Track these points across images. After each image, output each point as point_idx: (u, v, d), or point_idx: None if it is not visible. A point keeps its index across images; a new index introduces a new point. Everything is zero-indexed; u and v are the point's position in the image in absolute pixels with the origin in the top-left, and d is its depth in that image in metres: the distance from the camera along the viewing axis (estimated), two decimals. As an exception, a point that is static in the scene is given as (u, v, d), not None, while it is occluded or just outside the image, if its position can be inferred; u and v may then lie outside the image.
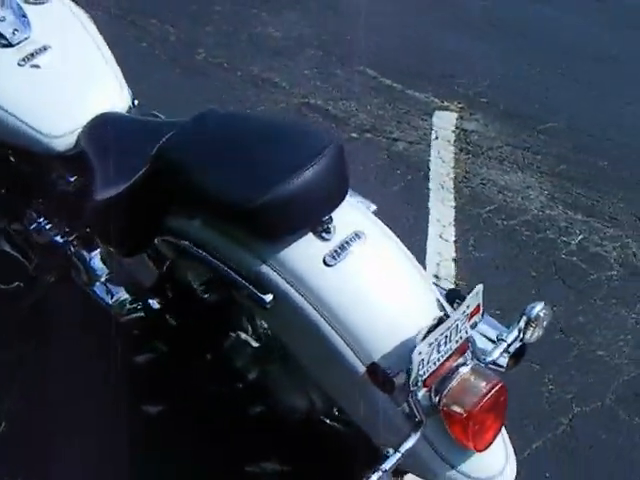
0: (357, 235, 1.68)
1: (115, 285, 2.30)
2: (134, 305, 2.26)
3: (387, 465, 1.48)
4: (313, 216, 1.66)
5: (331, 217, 1.67)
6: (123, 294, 2.28)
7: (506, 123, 4.08)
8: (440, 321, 1.55)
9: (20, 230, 2.53)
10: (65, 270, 2.43)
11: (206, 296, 2.06)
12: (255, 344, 2.03)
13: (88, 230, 2.32)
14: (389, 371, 1.49)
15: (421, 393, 1.55)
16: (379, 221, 1.79)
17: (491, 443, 1.59)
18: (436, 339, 1.50)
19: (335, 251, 1.64)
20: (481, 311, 1.61)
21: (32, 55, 2.28)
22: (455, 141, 3.92)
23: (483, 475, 1.61)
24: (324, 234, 1.66)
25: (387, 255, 1.73)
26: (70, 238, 2.38)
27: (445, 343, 1.52)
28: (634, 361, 2.67)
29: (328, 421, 1.96)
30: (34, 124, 2.20)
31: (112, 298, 2.27)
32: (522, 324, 1.68)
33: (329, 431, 1.96)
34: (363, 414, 1.64)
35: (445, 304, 1.67)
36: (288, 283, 1.63)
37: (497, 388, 1.56)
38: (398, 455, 1.51)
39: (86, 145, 2.18)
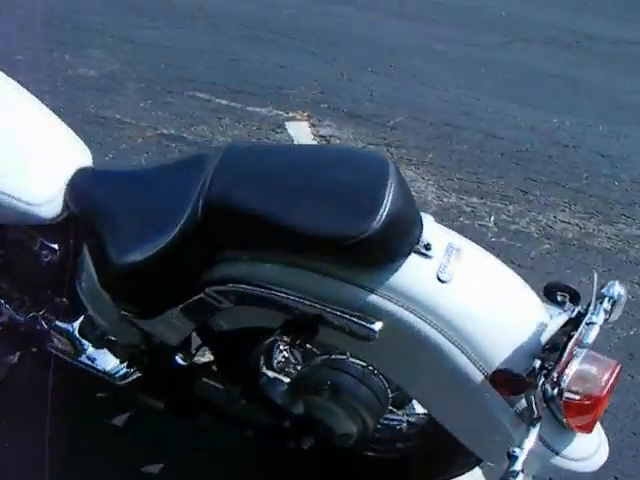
0: (452, 247, 1.72)
1: (109, 351, 2.18)
2: (134, 368, 2.16)
3: (518, 465, 1.50)
4: (414, 236, 1.68)
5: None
6: (116, 358, 2.18)
7: (356, 124, 4.32)
8: (567, 323, 1.63)
9: None
10: (30, 346, 2.28)
11: (245, 340, 2.01)
12: (286, 379, 2.03)
13: (64, 300, 2.18)
14: (517, 373, 1.57)
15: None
16: (450, 230, 1.87)
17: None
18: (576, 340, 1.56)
19: (444, 266, 1.67)
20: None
21: None
22: (322, 148, 4.09)
23: (585, 454, 1.70)
24: (426, 251, 1.68)
25: (483, 262, 1.79)
26: (41, 312, 2.21)
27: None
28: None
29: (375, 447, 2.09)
30: (15, 194, 2.01)
31: (108, 365, 2.17)
32: (607, 305, 1.67)
33: (376, 458, 2.09)
34: (471, 424, 1.71)
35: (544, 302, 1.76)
36: (401, 306, 1.64)
37: (617, 370, 1.60)
38: (524, 452, 1.54)
39: (79, 206, 2.04)
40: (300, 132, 4.23)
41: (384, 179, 1.66)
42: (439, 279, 1.65)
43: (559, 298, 1.72)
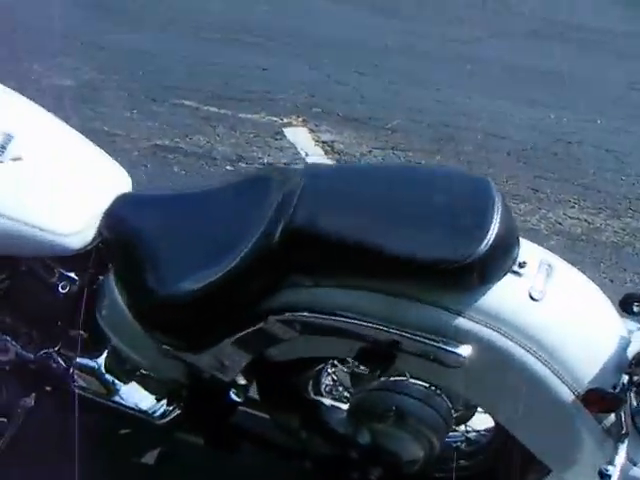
0: (544, 264, 1.69)
1: (142, 387, 2.06)
2: (174, 404, 2.04)
3: None
4: (513, 256, 1.64)
5: None
6: (151, 395, 2.05)
7: (355, 128, 4.18)
8: None
9: None
10: (47, 385, 2.11)
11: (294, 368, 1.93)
12: (344, 406, 1.99)
13: (83, 333, 2.01)
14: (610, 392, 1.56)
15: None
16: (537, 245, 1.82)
17: None
18: None
19: (537, 284, 1.63)
20: None
21: (3, 148, 1.93)
22: (327, 154, 3.95)
23: None
24: (519, 269, 1.64)
25: (572, 278, 1.76)
26: (55, 348, 2.05)
27: None
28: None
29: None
30: (44, 225, 1.88)
31: (144, 403, 2.04)
32: None
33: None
34: (556, 442, 1.68)
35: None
36: (490, 328, 1.59)
37: None
38: (617, 470, 1.53)
39: (115, 234, 1.92)
40: (300, 138, 4.09)
41: (489, 200, 1.63)
42: (531, 297, 1.61)
43: (635, 309, 1.67)
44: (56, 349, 2.04)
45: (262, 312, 1.72)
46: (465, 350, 1.57)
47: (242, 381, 1.97)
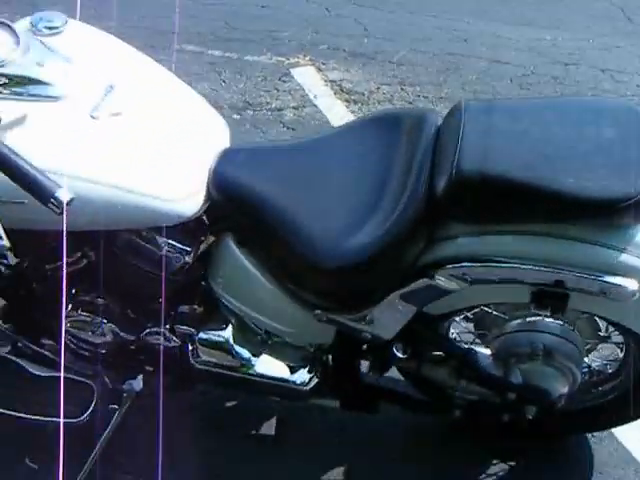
0: None
1: (277, 357, 2.01)
2: (315, 370, 2.00)
3: None
4: None
5: None
6: (290, 363, 2.01)
7: (363, 64, 4.27)
8: None
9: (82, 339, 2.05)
10: (154, 365, 2.02)
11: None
12: (486, 351, 1.98)
13: (196, 307, 1.98)
14: None
15: None
16: None
17: None
18: None
19: None
20: None
21: (102, 100, 1.77)
22: (336, 94, 4.04)
23: None
24: None
25: None
26: (165, 325, 1.97)
27: None
28: None
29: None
30: (152, 192, 1.72)
31: (285, 373, 1.99)
32: None
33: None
34: None
35: None
36: None
37: None
38: None
39: (229, 194, 1.80)
40: (309, 79, 4.16)
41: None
42: None
43: None
44: (167, 327, 1.96)
45: (425, 266, 1.69)
46: (633, 284, 1.59)
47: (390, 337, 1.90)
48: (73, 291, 1.95)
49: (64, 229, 1.51)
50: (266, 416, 2.35)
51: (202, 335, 1.98)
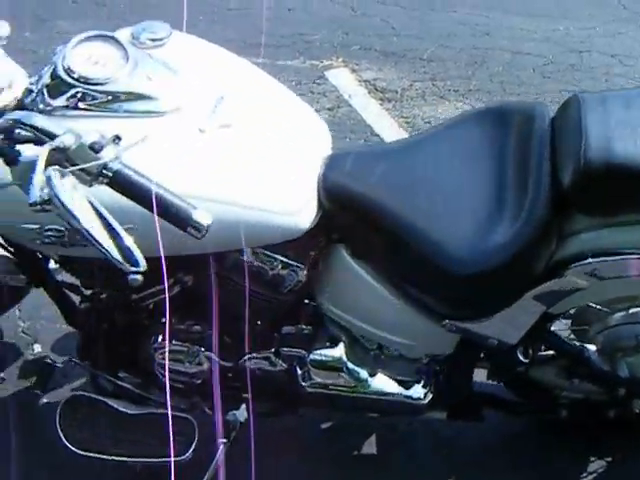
0: None
1: (390, 372, 1.95)
2: (430, 382, 1.95)
3: None
4: None
5: None
6: (403, 378, 1.94)
7: (395, 63, 4.50)
8: None
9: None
10: (260, 390, 1.92)
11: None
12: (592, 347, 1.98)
13: (302, 326, 1.89)
14: None
15: None
16: None
17: None
18: None
19: None
20: None
21: (212, 112, 1.70)
22: (370, 93, 4.28)
23: None
24: None
25: None
26: (269, 348, 1.91)
27: None
28: None
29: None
30: (271, 207, 1.64)
31: (404, 389, 1.92)
32: None
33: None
34: None
35: None
36: None
37: None
38: None
39: (345, 202, 1.74)
40: (343, 80, 4.37)
41: None
42: None
43: None
44: (272, 350, 1.89)
45: (557, 264, 1.65)
46: None
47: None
48: (162, 320, 1.85)
49: (162, 254, 1.38)
50: (364, 434, 2.32)
51: (314, 356, 1.89)
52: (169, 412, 1.58)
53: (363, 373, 1.89)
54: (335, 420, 2.35)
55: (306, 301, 1.89)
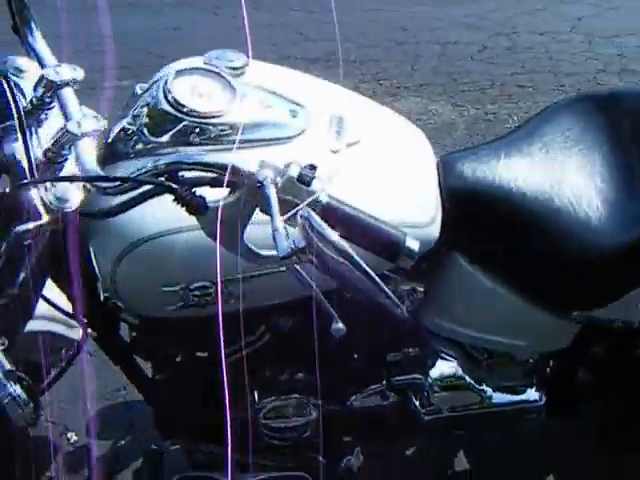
0: None
1: (502, 379, 1.84)
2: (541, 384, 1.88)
3: None
4: None
5: None
6: (524, 380, 1.85)
7: (325, 68, 3.90)
8: None
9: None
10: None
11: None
12: None
13: (409, 350, 1.77)
14: None
15: None
16: None
17: None
18: None
19: None
20: None
21: (336, 133, 1.59)
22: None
23: None
24: None
25: None
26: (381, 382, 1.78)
27: None
28: None
29: None
30: (409, 221, 1.51)
31: (521, 394, 1.85)
32: None
33: None
34: None
35: None
36: None
37: None
38: None
39: (467, 207, 1.66)
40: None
41: None
42: None
43: None
44: (382, 382, 1.74)
45: None
46: None
47: None
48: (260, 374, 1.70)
49: (316, 287, 1.27)
50: (451, 451, 2.12)
51: (433, 378, 1.75)
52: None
53: (483, 386, 1.79)
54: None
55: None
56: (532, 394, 1.82)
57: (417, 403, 1.77)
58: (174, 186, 1.18)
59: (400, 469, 2.06)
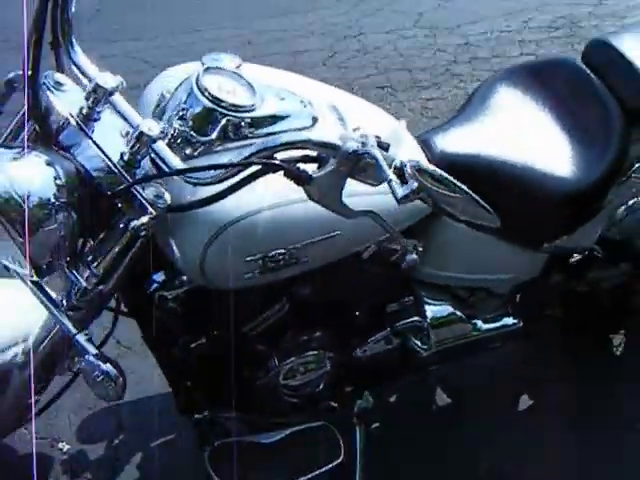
0: None
1: None
2: None
3: None
4: None
5: None
6: (501, 310, 2.19)
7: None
8: None
9: None
10: None
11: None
12: None
13: (406, 299, 2.02)
14: None
15: None
16: None
17: None
18: None
19: None
20: None
21: (341, 120, 1.75)
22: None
23: None
24: None
25: None
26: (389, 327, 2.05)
27: None
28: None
29: None
30: None
31: (502, 319, 2.17)
32: None
33: None
34: None
35: None
36: None
37: None
38: None
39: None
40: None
41: None
42: None
43: None
44: (387, 329, 2.00)
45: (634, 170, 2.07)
46: None
47: None
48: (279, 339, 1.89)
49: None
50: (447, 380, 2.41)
51: (432, 319, 2.02)
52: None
53: (473, 317, 2.09)
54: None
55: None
56: (510, 320, 2.14)
57: (418, 342, 2.02)
58: (284, 165, 1.32)
59: (405, 406, 2.37)
